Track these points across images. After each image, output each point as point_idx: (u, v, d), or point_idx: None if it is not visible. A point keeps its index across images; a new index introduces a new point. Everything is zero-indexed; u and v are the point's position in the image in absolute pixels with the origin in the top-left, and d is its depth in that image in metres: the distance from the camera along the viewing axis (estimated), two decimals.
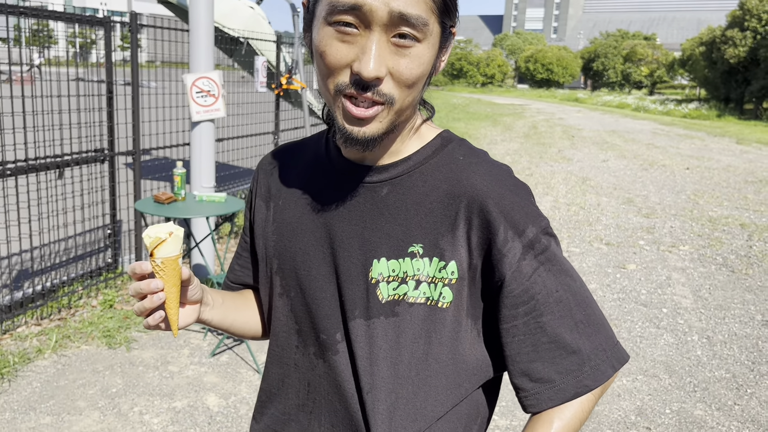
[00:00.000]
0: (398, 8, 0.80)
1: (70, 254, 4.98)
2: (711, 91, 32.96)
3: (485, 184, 0.92)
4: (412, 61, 0.84)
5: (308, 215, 1.02)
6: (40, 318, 4.13)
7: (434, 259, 0.93)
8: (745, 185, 10.34)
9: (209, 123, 4.85)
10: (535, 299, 0.90)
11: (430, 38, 0.85)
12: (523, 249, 0.90)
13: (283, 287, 1.05)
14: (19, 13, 3.75)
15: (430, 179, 0.95)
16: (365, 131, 0.86)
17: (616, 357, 0.95)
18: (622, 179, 10.59)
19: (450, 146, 0.98)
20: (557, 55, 55.11)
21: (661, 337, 4.39)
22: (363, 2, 0.80)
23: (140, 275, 0.91)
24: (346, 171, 0.99)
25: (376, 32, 0.82)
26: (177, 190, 4.19)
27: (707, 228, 7.42)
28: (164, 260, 0.90)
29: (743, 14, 29.10)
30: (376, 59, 0.81)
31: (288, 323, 1.05)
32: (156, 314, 0.92)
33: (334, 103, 0.88)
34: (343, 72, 0.84)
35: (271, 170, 1.12)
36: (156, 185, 6.77)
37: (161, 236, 0.89)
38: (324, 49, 0.85)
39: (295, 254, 1.02)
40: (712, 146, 15.94)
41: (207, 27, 4.66)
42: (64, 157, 4.28)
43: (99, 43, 4.65)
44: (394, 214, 0.95)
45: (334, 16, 0.83)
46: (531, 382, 0.93)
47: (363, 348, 0.95)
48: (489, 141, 15.26)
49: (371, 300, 0.94)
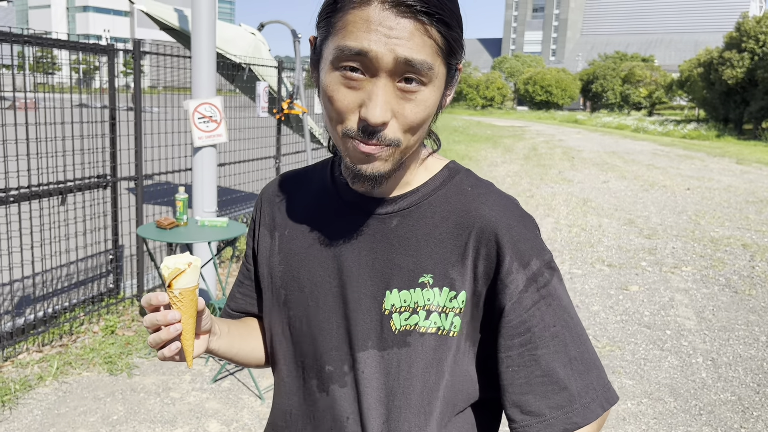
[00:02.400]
0: (403, 54, 0.82)
1: (72, 280, 4.98)
2: (710, 112, 33.12)
3: (494, 215, 0.94)
4: (417, 105, 0.85)
5: (316, 246, 1.02)
6: (41, 344, 4.12)
7: (444, 289, 0.94)
8: (746, 205, 10.35)
9: (211, 148, 4.88)
10: (531, 332, 0.91)
11: (435, 81, 0.86)
12: (526, 281, 0.92)
13: (289, 318, 1.04)
14: (23, 42, 3.79)
15: (440, 210, 0.97)
16: (373, 168, 0.88)
17: (605, 397, 0.95)
18: (622, 200, 10.61)
19: (458, 177, 1.00)
20: (556, 77, 55.48)
21: (665, 359, 4.36)
22: (369, 48, 0.82)
23: (155, 307, 0.90)
24: (355, 202, 1.00)
25: (382, 78, 0.83)
26: (179, 216, 4.20)
27: (709, 249, 7.41)
28: (182, 291, 0.89)
29: (740, 36, 29.35)
30: (382, 105, 0.83)
31: (294, 354, 1.05)
32: (172, 345, 0.91)
33: (342, 144, 0.90)
34: (351, 117, 0.86)
35: (275, 199, 1.12)
36: (158, 210, 6.79)
37: (180, 267, 0.89)
38: (332, 95, 0.86)
39: (303, 285, 1.02)
40: (713, 166, 15.97)
41: (209, 53, 4.71)
42: (67, 183, 4.30)
43: (102, 70, 4.70)
44: (405, 245, 0.96)
45: (340, 61, 0.84)
46: (522, 414, 0.93)
47: (378, 378, 0.96)
48: (489, 163, 15.31)
49: (385, 331, 0.95)
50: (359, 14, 0.83)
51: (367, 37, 0.82)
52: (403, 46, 0.81)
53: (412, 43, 0.82)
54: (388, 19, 0.81)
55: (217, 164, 5.08)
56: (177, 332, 0.90)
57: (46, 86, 4.25)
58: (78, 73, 5.33)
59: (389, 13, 0.81)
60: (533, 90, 56.34)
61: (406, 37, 0.82)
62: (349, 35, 0.83)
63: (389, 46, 0.81)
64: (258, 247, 1.12)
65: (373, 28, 0.82)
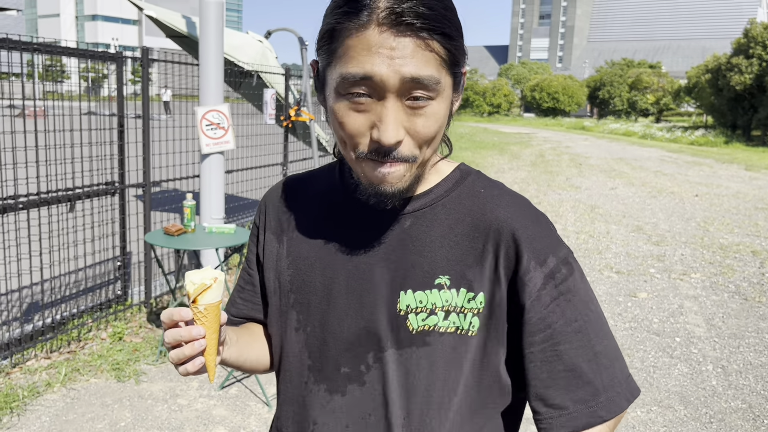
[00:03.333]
0: (410, 73, 0.82)
1: (80, 287, 4.99)
2: (717, 118, 33.00)
3: (510, 216, 0.95)
4: (428, 119, 0.86)
5: (327, 249, 1.02)
6: (49, 351, 4.13)
7: (462, 290, 0.94)
8: (755, 212, 10.29)
9: (219, 155, 4.90)
10: (552, 328, 0.92)
11: (443, 93, 0.87)
12: (543, 279, 0.93)
13: (299, 321, 1.04)
14: (33, 50, 3.82)
15: (454, 212, 0.98)
16: (392, 188, 0.89)
17: (630, 390, 0.96)
18: (630, 207, 10.57)
19: (470, 179, 1.01)
20: (563, 84, 55.43)
21: (675, 366, 4.33)
22: (373, 73, 0.82)
23: (175, 322, 0.90)
24: (366, 204, 0.99)
25: (390, 99, 0.83)
26: (187, 222, 4.21)
27: (718, 255, 7.36)
28: (207, 306, 0.89)
29: (748, 42, 29.26)
30: (393, 126, 0.83)
31: (300, 359, 1.04)
32: (196, 361, 0.91)
33: (357, 166, 0.91)
34: (363, 140, 0.87)
35: (281, 204, 1.11)
36: (166, 217, 6.81)
37: (207, 282, 0.88)
38: (342, 120, 0.87)
39: (315, 288, 1.02)
40: (721, 173, 15.90)
41: (217, 60, 4.73)
42: (75, 191, 4.32)
43: (110, 77, 4.73)
44: (419, 246, 0.96)
45: (346, 88, 0.84)
46: (545, 407, 0.94)
47: (398, 377, 0.96)
48: (497, 170, 15.29)
49: (402, 331, 0.95)
50: (358, 40, 0.82)
51: (369, 61, 0.81)
52: (407, 65, 0.81)
53: (416, 60, 0.82)
54: (388, 40, 0.81)
55: (225, 171, 5.09)
56: (201, 348, 0.89)
57: (55, 94, 4.28)
58: (87, 81, 5.36)
59: (388, 34, 0.81)
60: (540, 97, 56.30)
61: (409, 56, 0.81)
62: (351, 61, 0.83)
63: (393, 67, 0.81)
64: (264, 253, 1.11)
65: (374, 51, 0.81)
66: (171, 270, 5.69)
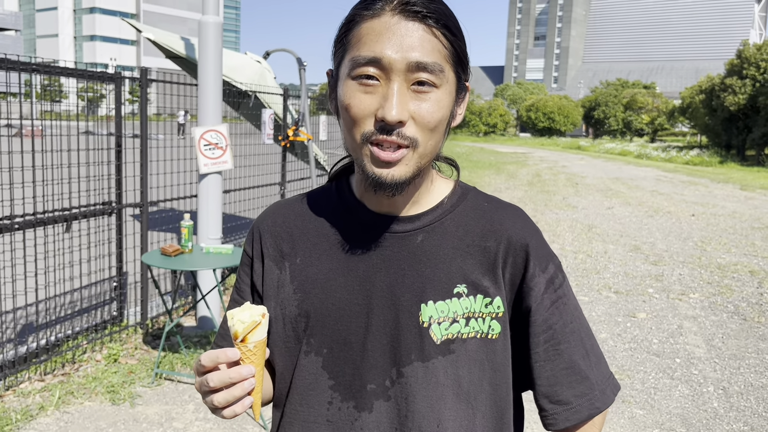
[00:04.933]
0: (415, 58, 0.88)
1: (75, 307, 4.94)
2: (712, 138, 33.23)
3: (516, 226, 1.03)
4: (432, 105, 0.91)
5: (338, 270, 1.02)
6: (43, 373, 4.07)
7: (479, 296, 1.00)
8: (752, 231, 10.30)
9: (217, 175, 4.88)
10: (553, 329, 1.01)
11: (446, 85, 0.93)
12: (545, 283, 1.01)
13: (311, 345, 1.02)
14: (32, 70, 3.82)
15: (462, 224, 1.03)
16: (393, 174, 0.92)
17: (615, 385, 1.07)
18: (627, 226, 10.57)
19: (471, 194, 1.07)
20: (558, 104, 55.82)
21: (675, 388, 4.29)
22: (382, 55, 0.88)
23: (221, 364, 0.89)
24: (374, 223, 1.02)
25: (396, 81, 0.89)
26: (184, 243, 4.19)
27: (716, 275, 7.35)
28: (257, 344, 0.86)
29: (741, 63, 29.57)
30: (398, 104, 0.88)
31: (319, 380, 1.02)
32: (245, 401, 0.89)
33: (361, 152, 0.93)
34: (368, 121, 0.91)
35: (277, 230, 1.09)
36: (163, 237, 6.78)
37: (257, 319, 0.86)
38: (348, 102, 0.92)
39: (329, 310, 1.01)
40: (717, 192, 15.95)
41: (215, 80, 4.73)
42: (72, 210, 4.29)
43: (108, 97, 4.73)
44: (433, 259, 1.00)
45: (355, 70, 0.90)
46: (551, 403, 1.02)
47: (425, 387, 0.98)
48: (493, 189, 15.32)
49: (426, 342, 0.98)
50: (371, 25, 0.90)
51: (379, 44, 0.89)
52: (414, 50, 0.88)
53: (423, 47, 0.89)
54: (397, 26, 0.89)
55: (223, 191, 5.07)
56: (252, 387, 0.88)
57: (53, 114, 4.27)
58: (84, 101, 5.36)
59: (397, 19, 0.89)
60: (536, 117, 56.63)
61: (417, 42, 0.89)
62: (362, 47, 0.90)
63: (402, 52, 0.88)
64: (264, 281, 1.08)
65: (385, 36, 0.89)
66: (167, 291, 5.65)
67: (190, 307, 4.90)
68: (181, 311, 5.33)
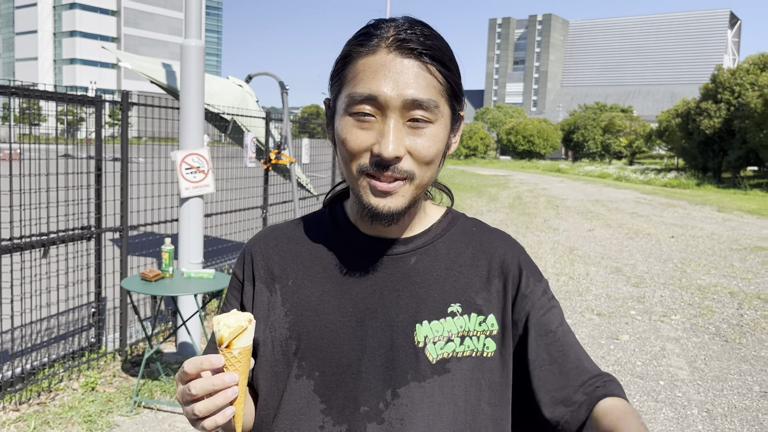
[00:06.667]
0: (411, 96, 0.90)
1: (52, 334, 4.84)
2: (689, 161, 33.77)
3: (506, 245, 1.07)
4: (428, 140, 0.92)
5: (332, 292, 1.02)
6: (18, 403, 3.96)
7: (473, 314, 1.01)
8: (730, 253, 10.42)
9: (198, 198, 4.84)
10: (553, 332, 1.02)
11: (442, 119, 0.94)
12: (541, 292, 1.04)
13: (302, 368, 1.01)
14: (10, 93, 3.77)
15: (454, 247, 1.05)
16: (389, 205, 0.93)
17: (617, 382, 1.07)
18: (608, 248, 10.64)
19: (460, 219, 1.11)
20: (538, 128, 56.46)
21: (660, 411, 4.29)
22: (378, 93, 0.90)
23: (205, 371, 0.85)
24: (367, 246, 1.04)
25: (392, 118, 0.90)
26: (165, 267, 4.13)
27: (697, 297, 7.41)
28: (243, 350, 0.84)
29: (716, 87, 30.20)
30: (394, 141, 0.90)
31: (310, 404, 1.00)
32: (227, 411, 0.85)
33: (358, 183, 0.95)
34: (364, 155, 0.92)
35: (269, 252, 1.09)
36: (143, 262, 6.69)
37: (243, 324, 0.83)
38: (345, 137, 0.93)
39: (321, 333, 1.00)
40: (695, 214, 16.16)
41: (197, 104, 4.72)
42: (50, 235, 4.22)
43: (88, 120, 4.68)
44: (427, 280, 1.01)
45: (352, 107, 0.92)
46: (565, 407, 0.98)
47: (421, 408, 0.97)
48: (475, 212, 15.38)
49: (422, 362, 0.98)
50: (367, 62, 0.92)
51: (375, 81, 0.90)
52: (410, 87, 0.89)
53: (418, 84, 0.90)
54: (393, 63, 0.90)
55: (204, 214, 5.03)
56: (235, 396, 0.85)
57: (31, 137, 4.21)
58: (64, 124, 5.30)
59: (393, 56, 0.90)
60: (516, 140, 57.19)
61: (412, 79, 0.90)
62: (359, 83, 0.91)
63: (397, 89, 0.89)
64: (253, 304, 1.07)
65: (381, 73, 0.90)
66: (147, 316, 5.56)
67: (171, 333, 4.81)
68: (161, 337, 5.24)
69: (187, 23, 4.65)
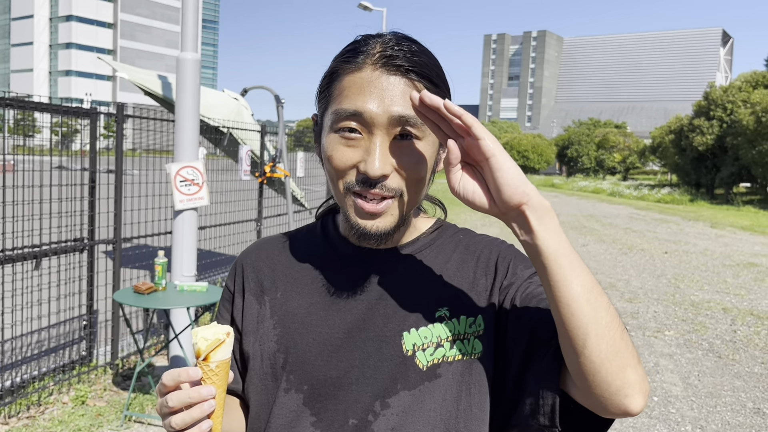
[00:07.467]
0: (397, 112, 0.88)
1: (43, 347, 4.80)
2: (682, 177, 33.95)
3: (492, 246, 1.06)
4: (415, 157, 0.91)
5: (319, 304, 1.02)
6: (7, 416, 3.92)
7: (461, 317, 0.99)
8: (723, 269, 10.45)
9: (192, 211, 4.83)
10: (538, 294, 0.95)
11: (429, 136, 0.92)
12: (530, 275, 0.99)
13: (290, 382, 1.00)
14: (5, 105, 3.76)
15: (441, 255, 1.05)
16: (378, 225, 0.92)
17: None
18: (602, 264, 10.66)
19: (449, 229, 1.10)
20: (532, 143, 56.71)
21: (654, 427, 4.28)
22: (363, 109, 0.88)
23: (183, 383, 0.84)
24: (355, 256, 1.03)
25: (378, 135, 0.89)
26: (158, 280, 4.11)
27: (690, 312, 7.41)
28: (220, 363, 0.83)
29: (708, 104, 30.44)
30: (380, 158, 0.88)
31: (300, 417, 0.99)
32: (203, 425, 0.84)
33: (345, 202, 0.94)
34: (350, 172, 0.91)
35: (259, 264, 1.09)
36: (136, 274, 6.65)
37: (220, 337, 0.83)
38: (331, 154, 0.92)
39: (309, 345, 1.00)
40: (688, 230, 16.22)
41: (193, 117, 4.72)
42: (42, 247, 4.20)
43: (83, 132, 4.67)
44: (415, 287, 1.01)
45: (338, 123, 0.91)
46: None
47: (412, 415, 0.96)
48: (469, 226, 15.20)
49: (411, 371, 0.96)
50: (353, 79, 0.90)
51: (361, 98, 0.89)
52: (396, 104, 0.88)
53: (404, 100, 0.88)
54: (379, 80, 0.89)
55: (198, 227, 5.01)
56: (211, 409, 0.84)
57: (25, 148, 4.20)
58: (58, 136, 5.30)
59: (379, 73, 0.89)
60: (510, 155, 57.33)
61: (398, 96, 0.88)
62: (345, 99, 0.90)
63: (383, 106, 0.88)
64: (243, 316, 1.07)
65: (366, 90, 0.89)
66: (139, 329, 5.53)
67: (163, 346, 4.78)
68: (153, 350, 5.20)
69: (184, 36, 4.66)
